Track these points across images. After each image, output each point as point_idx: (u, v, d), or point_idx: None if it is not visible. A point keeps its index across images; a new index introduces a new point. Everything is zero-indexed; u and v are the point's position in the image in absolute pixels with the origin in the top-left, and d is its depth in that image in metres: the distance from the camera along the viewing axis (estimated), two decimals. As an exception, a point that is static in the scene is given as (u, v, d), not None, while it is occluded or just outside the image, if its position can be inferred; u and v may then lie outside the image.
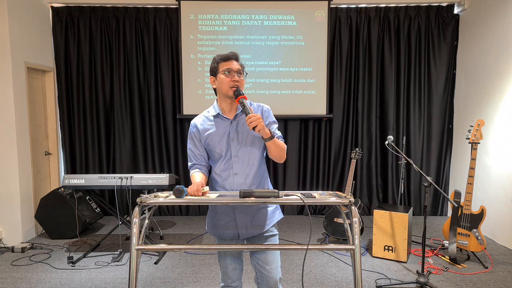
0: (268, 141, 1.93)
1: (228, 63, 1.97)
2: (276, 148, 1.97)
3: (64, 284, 3.28)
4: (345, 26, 5.28)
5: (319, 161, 5.46)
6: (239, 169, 2.02)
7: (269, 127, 2.05)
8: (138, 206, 1.65)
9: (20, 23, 4.39)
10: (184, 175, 5.44)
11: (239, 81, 1.97)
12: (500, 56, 4.32)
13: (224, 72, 1.96)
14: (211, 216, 2.20)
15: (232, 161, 2.01)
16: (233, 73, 1.96)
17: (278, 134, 2.08)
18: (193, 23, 5.15)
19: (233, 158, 2.01)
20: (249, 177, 2.03)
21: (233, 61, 1.98)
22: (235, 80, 1.95)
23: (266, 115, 2.08)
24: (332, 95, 5.36)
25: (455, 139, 5.32)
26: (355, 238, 1.67)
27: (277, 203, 1.78)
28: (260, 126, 1.84)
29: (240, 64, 2.02)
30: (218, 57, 2.00)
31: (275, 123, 2.11)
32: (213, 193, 1.96)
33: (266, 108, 2.10)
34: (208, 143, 2.04)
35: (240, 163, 2.01)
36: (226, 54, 2.00)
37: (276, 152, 1.98)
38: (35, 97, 4.84)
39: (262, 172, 2.09)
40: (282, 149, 2.01)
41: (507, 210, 4.16)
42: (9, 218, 4.30)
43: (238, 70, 1.98)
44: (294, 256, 3.87)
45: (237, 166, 2.01)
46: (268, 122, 2.07)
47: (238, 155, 2.01)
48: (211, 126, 2.04)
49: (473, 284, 3.24)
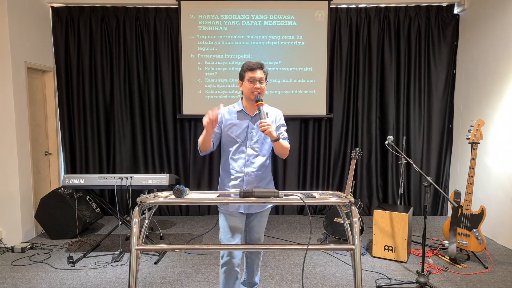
0: (274, 142, 2.36)
1: (253, 73, 2.41)
2: (280, 147, 2.40)
3: (64, 284, 3.28)
4: (345, 26, 5.28)
5: (319, 161, 5.46)
6: (250, 155, 2.46)
7: (279, 129, 2.52)
8: (138, 206, 1.65)
9: (20, 23, 4.39)
10: (184, 175, 5.44)
11: (260, 88, 2.40)
12: (500, 56, 4.33)
13: (249, 80, 2.40)
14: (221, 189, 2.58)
15: (246, 148, 2.46)
16: (255, 82, 2.39)
17: (285, 135, 2.51)
18: (193, 23, 5.15)
19: (248, 146, 2.47)
20: (256, 164, 2.46)
21: (257, 71, 2.41)
22: (256, 87, 2.39)
23: (279, 118, 2.55)
24: (332, 95, 5.36)
25: (455, 139, 5.32)
26: (355, 238, 1.68)
27: (277, 203, 1.78)
28: (268, 131, 2.26)
29: (264, 72, 2.45)
30: (246, 66, 2.44)
31: (284, 126, 2.55)
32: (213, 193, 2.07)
33: (279, 112, 2.60)
34: (231, 130, 2.47)
35: (252, 150, 2.47)
36: (252, 64, 2.43)
37: (280, 150, 2.41)
38: (35, 97, 4.85)
39: (268, 164, 2.54)
40: (285, 149, 2.43)
41: (507, 210, 4.16)
42: (9, 218, 4.30)
43: (260, 79, 2.41)
44: (294, 256, 3.88)
45: (249, 152, 2.46)
46: (279, 125, 2.53)
47: (252, 144, 2.47)
48: (234, 118, 2.49)
49: (473, 284, 3.24)
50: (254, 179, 2.46)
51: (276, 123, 2.52)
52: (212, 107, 5.98)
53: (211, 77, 5.21)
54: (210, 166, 5.45)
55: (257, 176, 2.46)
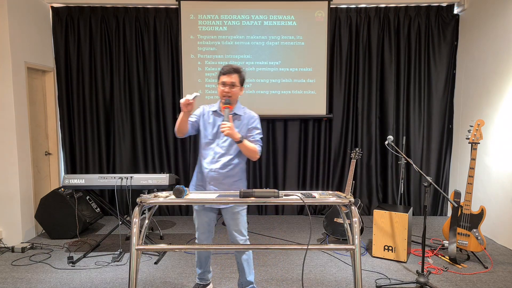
0: (237, 143, 2.54)
1: (224, 77, 2.58)
2: (244, 149, 2.57)
3: (64, 284, 3.28)
4: (345, 26, 5.28)
5: (319, 161, 5.46)
6: (217, 153, 2.65)
7: (251, 131, 2.65)
8: (138, 206, 1.65)
9: (20, 23, 4.39)
10: (184, 175, 5.44)
11: (230, 92, 2.57)
12: (500, 56, 4.33)
13: (221, 84, 2.59)
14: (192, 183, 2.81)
15: (215, 146, 2.66)
16: (225, 85, 2.57)
17: (256, 138, 2.65)
18: (193, 23, 5.15)
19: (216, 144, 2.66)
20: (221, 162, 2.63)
21: (229, 75, 2.57)
22: (225, 91, 2.57)
23: (252, 121, 2.68)
24: (332, 95, 5.36)
25: (455, 139, 5.32)
26: (355, 238, 1.68)
27: (277, 203, 1.78)
28: (226, 133, 2.44)
29: (239, 76, 2.60)
30: (221, 70, 2.61)
31: (256, 129, 2.68)
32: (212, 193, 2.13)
33: (254, 116, 2.71)
34: (205, 126, 2.70)
35: (220, 149, 2.65)
36: (227, 68, 2.58)
37: (245, 152, 2.59)
38: (35, 97, 4.85)
39: (236, 163, 2.67)
40: (251, 151, 2.58)
41: (507, 210, 4.16)
42: (9, 218, 4.30)
43: (230, 83, 2.57)
44: (294, 256, 3.88)
45: (217, 150, 2.65)
46: (251, 127, 2.66)
47: (220, 144, 2.65)
48: (210, 117, 2.71)
49: (473, 284, 3.24)
50: (218, 176, 2.63)
51: (249, 126, 2.66)
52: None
53: (211, 77, 5.22)
54: (210, 166, 5.44)
55: (220, 173, 2.63)
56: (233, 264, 3.67)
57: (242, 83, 2.65)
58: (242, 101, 5.21)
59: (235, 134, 2.47)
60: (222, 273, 3.46)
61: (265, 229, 4.82)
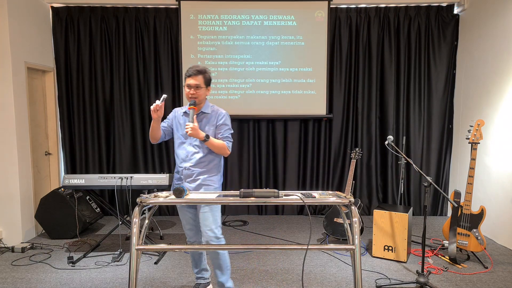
0: (204, 142, 2.65)
1: (189, 79, 2.67)
2: (212, 147, 2.69)
3: (64, 284, 3.28)
4: (345, 26, 5.28)
5: (319, 161, 5.46)
6: (189, 151, 2.76)
7: (219, 127, 2.76)
8: (138, 206, 1.65)
9: (20, 23, 4.39)
10: (184, 175, 5.43)
11: (195, 94, 2.66)
12: (500, 56, 4.33)
13: (186, 86, 2.69)
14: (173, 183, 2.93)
15: (187, 145, 2.76)
16: (190, 88, 2.66)
17: (225, 134, 2.76)
18: (193, 23, 5.15)
19: (189, 144, 2.76)
20: (194, 160, 2.74)
21: (194, 77, 2.66)
22: (191, 93, 2.66)
23: (220, 118, 2.77)
24: (332, 95, 5.36)
25: (455, 139, 5.32)
26: (355, 238, 1.68)
27: (277, 203, 1.78)
28: (190, 134, 2.55)
29: (204, 77, 2.69)
30: (186, 72, 2.69)
31: (225, 125, 2.78)
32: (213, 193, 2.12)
33: (222, 113, 2.81)
34: (177, 127, 2.82)
35: (192, 148, 2.76)
36: (191, 71, 2.66)
37: (214, 149, 2.71)
38: (35, 97, 4.85)
39: (209, 160, 2.76)
40: (219, 148, 2.70)
41: (507, 210, 4.16)
42: (9, 218, 4.30)
43: (195, 85, 2.66)
44: (294, 256, 3.88)
45: (189, 149, 2.76)
46: (219, 124, 2.76)
47: (192, 142, 2.76)
48: (181, 118, 2.82)
49: (473, 284, 3.24)
50: (192, 173, 2.74)
51: (217, 123, 2.76)
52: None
53: (211, 77, 5.21)
54: (210, 166, 5.44)
55: (194, 171, 2.73)
56: (233, 264, 3.67)
57: (207, 84, 2.74)
58: (242, 101, 5.27)
59: (199, 134, 2.59)
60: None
61: (265, 229, 4.82)
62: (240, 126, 5.40)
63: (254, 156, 5.45)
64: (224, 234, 2.93)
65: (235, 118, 5.30)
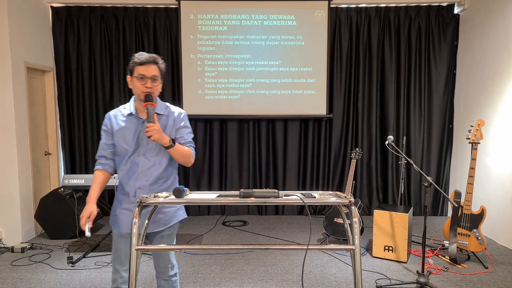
0: (168, 149, 2.01)
1: (143, 68, 1.99)
2: (177, 155, 2.06)
3: (64, 284, 3.28)
4: (345, 26, 5.28)
5: (319, 161, 5.46)
6: (144, 167, 2.08)
7: (180, 131, 2.13)
8: (138, 206, 1.65)
9: (20, 23, 4.39)
10: (184, 175, 5.43)
11: (152, 87, 2.01)
12: (500, 56, 4.32)
13: (138, 77, 2.00)
14: (114, 208, 2.24)
15: (139, 159, 2.08)
16: (146, 80, 1.99)
17: (187, 139, 2.14)
18: (193, 23, 5.15)
19: (140, 156, 2.08)
20: (152, 176, 2.09)
21: (149, 66, 2.00)
22: (147, 86, 2.00)
23: (179, 119, 2.15)
24: (332, 95, 5.36)
25: (455, 139, 5.32)
26: (355, 238, 1.67)
27: (277, 203, 1.78)
28: (155, 137, 1.93)
29: (159, 67, 2.04)
30: (136, 59, 2.01)
31: (187, 128, 2.17)
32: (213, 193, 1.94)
33: (181, 112, 2.18)
34: (118, 138, 2.09)
35: (146, 161, 2.08)
36: (144, 57, 2.00)
37: (179, 158, 2.08)
38: (35, 97, 4.84)
39: (168, 174, 2.15)
40: (185, 156, 2.08)
41: (507, 210, 4.16)
42: (9, 218, 4.29)
43: (153, 76, 2.00)
44: (294, 256, 3.87)
45: (143, 164, 2.08)
46: (179, 127, 2.14)
47: (146, 154, 2.08)
48: (124, 122, 2.10)
49: (473, 284, 3.24)
50: (149, 193, 2.07)
51: (176, 125, 2.13)
52: (212, 107, 5.91)
53: (211, 77, 5.21)
54: (210, 166, 5.44)
55: (152, 190, 2.09)
56: (233, 264, 3.66)
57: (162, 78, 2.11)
58: (242, 101, 5.26)
59: (164, 138, 1.97)
60: (222, 273, 3.45)
61: (265, 229, 4.82)
62: (240, 126, 5.40)
63: (254, 156, 5.44)
64: (224, 234, 2.93)
65: (235, 118, 5.30)
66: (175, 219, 2.19)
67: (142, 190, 2.09)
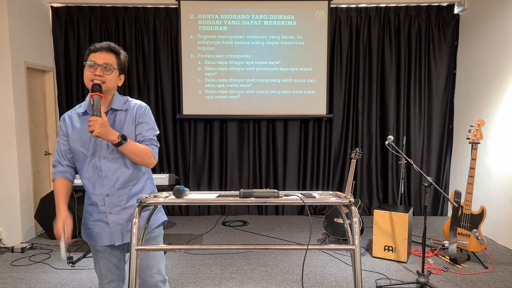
0: (118, 147, 1.76)
1: (95, 55, 1.80)
2: (130, 153, 1.80)
3: (64, 284, 3.28)
4: (345, 26, 5.28)
5: (319, 161, 5.46)
6: (108, 172, 1.85)
7: (138, 127, 1.90)
8: (138, 206, 1.65)
9: (20, 23, 4.39)
10: (184, 175, 5.43)
11: (104, 77, 1.79)
12: (500, 56, 4.32)
13: (89, 65, 1.80)
14: (84, 221, 1.98)
15: (101, 163, 1.84)
16: (96, 67, 1.79)
17: (147, 136, 1.91)
18: (193, 23, 5.15)
19: (102, 159, 1.84)
20: (119, 181, 1.86)
21: (102, 53, 1.80)
22: (96, 74, 1.78)
23: (139, 114, 1.91)
24: (332, 95, 5.36)
25: (455, 139, 5.32)
26: (355, 238, 1.67)
27: (277, 203, 1.77)
28: (97, 131, 1.68)
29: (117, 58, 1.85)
30: (91, 47, 1.84)
31: (146, 124, 1.92)
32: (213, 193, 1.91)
33: (142, 106, 1.94)
34: (74, 141, 1.86)
35: (109, 165, 1.85)
36: (98, 45, 1.82)
37: (134, 158, 1.82)
38: (35, 97, 4.84)
39: (139, 176, 1.94)
40: (141, 155, 1.84)
41: (507, 210, 4.16)
42: (9, 218, 4.29)
43: (105, 64, 1.79)
44: (294, 256, 3.87)
45: (106, 168, 1.85)
46: (138, 122, 1.91)
47: (108, 156, 1.85)
48: (79, 123, 1.87)
49: (473, 284, 3.24)
50: (120, 200, 1.88)
51: (136, 121, 1.90)
52: (212, 107, 5.90)
53: (211, 77, 5.21)
54: (210, 166, 5.44)
55: (122, 194, 1.88)
56: (233, 264, 3.66)
57: (121, 70, 1.89)
58: (242, 101, 5.26)
59: (108, 133, 1.71)
60: (222, 273, 3.45)
61: (265, 229, 4.82)
62: (240, 126, 5.40)
63: (254, 156, 5.44)
64: (224, 234, 2.92)
65: (235, 118, 5.30)
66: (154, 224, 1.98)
67: (111, 197, 1.86)
